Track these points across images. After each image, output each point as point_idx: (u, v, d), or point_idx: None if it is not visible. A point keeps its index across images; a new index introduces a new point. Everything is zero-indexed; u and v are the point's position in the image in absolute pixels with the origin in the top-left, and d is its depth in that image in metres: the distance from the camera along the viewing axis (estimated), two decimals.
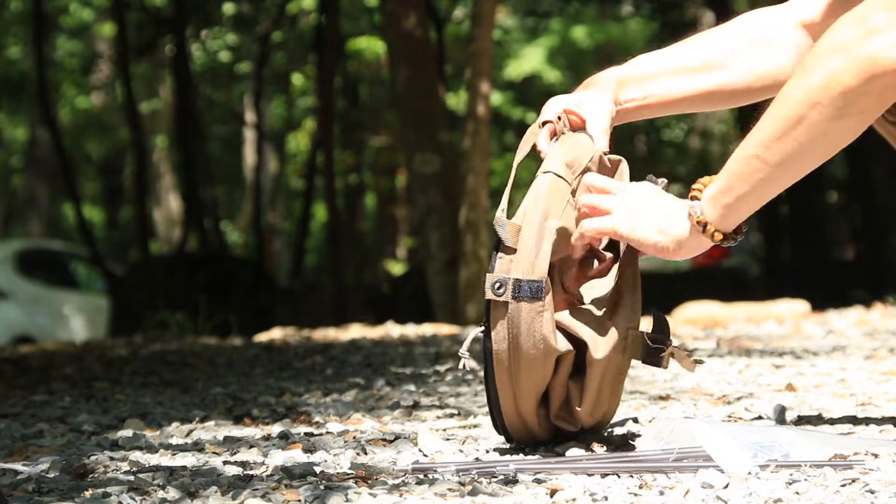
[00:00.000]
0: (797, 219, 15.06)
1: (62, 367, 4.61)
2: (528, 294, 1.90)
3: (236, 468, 1.97)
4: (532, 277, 1.90)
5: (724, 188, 1.89)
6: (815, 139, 1.84)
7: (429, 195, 8.61)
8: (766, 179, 1.88)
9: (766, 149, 1.85)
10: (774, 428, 1.94)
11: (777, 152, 1.85)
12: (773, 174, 1.88)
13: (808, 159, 1.88)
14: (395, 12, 8.81)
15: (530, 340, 1.91)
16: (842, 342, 4.48)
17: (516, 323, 1.91)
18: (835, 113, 1.82)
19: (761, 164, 1.87)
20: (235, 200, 26.08)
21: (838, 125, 1.83)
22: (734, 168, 1.88)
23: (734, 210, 1.91)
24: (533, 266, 1.91)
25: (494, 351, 1.93)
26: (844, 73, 1.79)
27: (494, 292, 1.91)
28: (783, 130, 1.84)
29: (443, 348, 4.70)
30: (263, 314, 13.48)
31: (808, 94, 1.82)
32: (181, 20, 16.44)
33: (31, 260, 14.05)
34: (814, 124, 1.83)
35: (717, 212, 1.91)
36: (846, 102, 1.81)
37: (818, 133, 1.83)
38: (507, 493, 1.71)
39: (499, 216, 1.94)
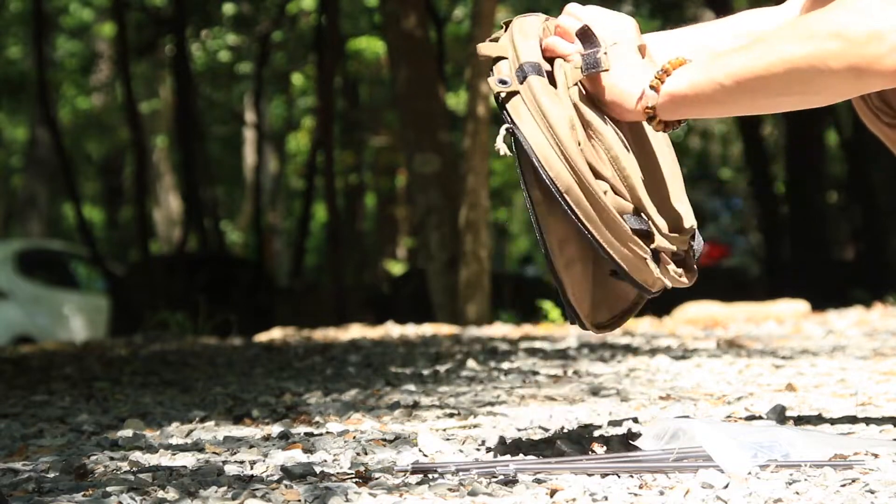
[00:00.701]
0: (797, 219, 15.06)
1: (62, 367, 4.61)
2: (533, 71, 1.90)
3: (236, 468, 1.97)
4: (529, 60, 1.91)
5: (683, 95, 1.91)
6: (780, 98, 1.90)
7: (429, 195, 8.61)
8: (723, 106, 1.93)
9: (736, 83, 1.89)
10: (774, 428, 1.94)
11: (743, 90, 1.89)
12: (730, 105, 1.93)
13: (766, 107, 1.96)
14: (395, 12, 8.81)
15: (559, 113, 1.88)
16: (842, 342, 4.48)
17: (535, 99, 1.89)
18: (809, 87, 1.88)
19: (725, 93, 1.90)
20: (235, 200, 26.09)
21: (808, 98, 1.92)
22: (700, 83, 1.90)
23: (683, 114, 1.94)
24: (526, 53, 1.92)
25: (530, 138, 1.87)
26: (835, 59, 1.83)
27: (501, 87, 1.90)
28: (756, 76, 1.88)
29: (443, 348, 4.70)
30: (263, 314, 13.48)
31: (792, 59, 1.85)
32: (181, 20, 16.45)
33: (31, 260, 14.05)
34: (786, 86, 1.87)
35: (668, 110, 1.92)
36: (824, 83, 1.86)
37: (786, 94, 1.89)
38: (507, 493, 1.71)
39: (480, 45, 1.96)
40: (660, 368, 3.57)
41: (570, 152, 1.87)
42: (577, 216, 1.88)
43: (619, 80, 1.93)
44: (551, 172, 1.87)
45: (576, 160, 1.87)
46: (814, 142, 15.26)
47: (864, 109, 2.12)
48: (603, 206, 1.88)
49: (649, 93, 1.91)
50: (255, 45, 19.14)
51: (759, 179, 15.88)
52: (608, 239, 1.89)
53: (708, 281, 15.07)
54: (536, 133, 1.88)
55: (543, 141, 1.87)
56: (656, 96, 1.91)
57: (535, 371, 3.59)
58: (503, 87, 1.90)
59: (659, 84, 1.91)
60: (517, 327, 6.39)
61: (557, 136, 1.87)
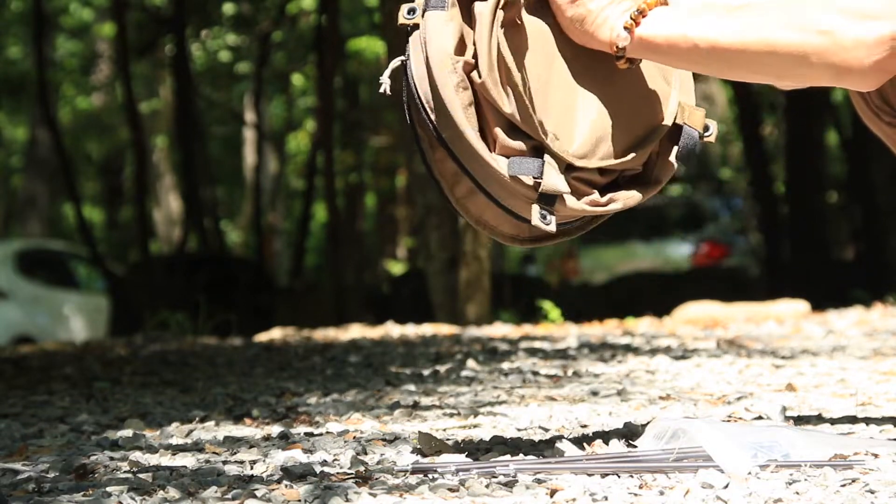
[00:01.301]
0: (797, 219, 15.06)
1: (62, 367, 4.61)
2: (434, 5, 1.86)
3: (236, 468, 1.97)
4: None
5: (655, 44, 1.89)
6: (752, 74, 1.91)
7: (429, 195, 8.60)
8: (692, 64, 1.93)
9: (712, 48, 1.88)
10: (774, 428, 1.94)
11: (718, 57, 1.89)
12: (700, 66, 1.93)
13: (734, 76, 1.96)
14: (395, 12, 8.80)
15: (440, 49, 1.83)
16: (842, 342, 4.48)
17: (425, 33, 1.85)
18: (784, 72, 1.90)
19: (698, 54, 1.89)
20: (235, 200, 26.08)
21: (779, 81, 1.95)
22: (675, 38, 1.88)
23: (650, 59, 1.93)
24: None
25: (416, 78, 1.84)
26: (818, 56, 1.85)
27: (406, 17, 1.87)
28: (735, 49, 1.87)
29: (443, 348, 4.70)
30: (263, 314, 13.47)
31: (776, 44, 1.86)
32: (181, 20, 16.45)
33: (31, 260, 14.05)
34: (762, 65, 1.88)
35: (637, 52, 1.91)
36: (800, 73, 1.88)
37: (759, 72, 1.90)
38: (507, 493, 1.71)
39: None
40: (660, 368, 3.57)
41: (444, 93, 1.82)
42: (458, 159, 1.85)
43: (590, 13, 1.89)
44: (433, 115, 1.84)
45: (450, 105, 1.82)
46: (814, 142, 15.25)
47: (865, 109, 2.12)
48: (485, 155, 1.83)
49: (622, 33, 1.89)
50: (255, 45, 19.14)
51: (759, 179, 15.87)
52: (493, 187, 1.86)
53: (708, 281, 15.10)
54: (421, 70, 1.85)
55: (425, 80, 1.84)
56: (628, 38, 1.89)
57: (535, 371, 3.59)
58: (406, 19, 1.87)
59: (633, 26, 1.88)
60: (517, 327, 6.39)
61: (434, 76, 1.83)
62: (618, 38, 1.89)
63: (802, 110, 14.97)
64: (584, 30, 1.91)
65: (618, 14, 1.90)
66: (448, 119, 1.83)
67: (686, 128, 1.99)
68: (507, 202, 1.88)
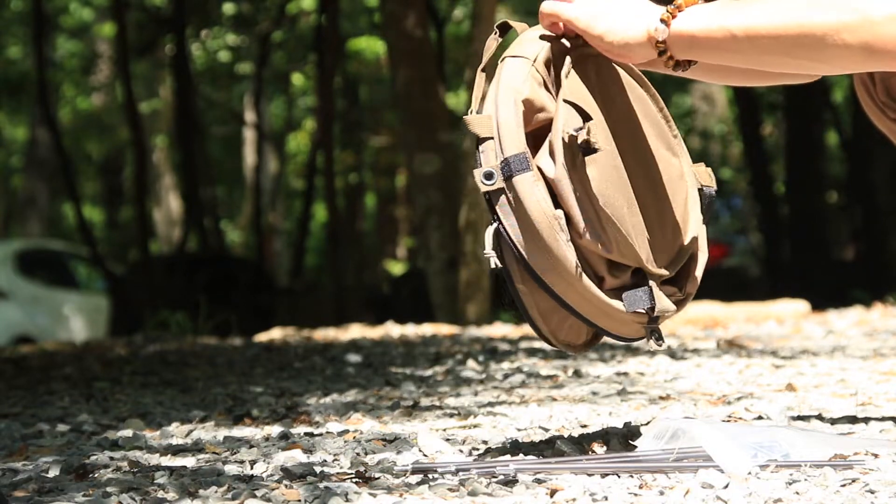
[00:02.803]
0: (797, 219, 15.06)
1: (62, 367, 4.61)
2: (517, 169, 1.87)
3: (236, 468, 1.97)
4: (514, 152, 1.88)
5: (692, 36, 1.90)
6: (787, 59, 1.88)
7: (429, 195, 8.61)
8: (730, 55, 1.91)
9: (747, 36, 1.87)
10: (774, 428, 1.94)
11: (753, 44, 1.88)
12: (737, 56, 1.91)
13: (771, 64, 1.93)
14: (395, 12, 8.81)
15: (539, 212, 1.86)
16: (842, 342, 4.47)
17: (518, 198, 1.87)
18: (818, 55, 1.86)
19: (734, 42, 1.88)
20: (235, 200, 26.09)
21: (814, 65, 1.89)
22: (711, 29, 1.89)
23: (691, 55, 1.93)
24: (511, 142, 1.88)
25: (517, 243, 1.87)
26: (850, 33, 1.81)
27: (486, 184, 1.88)
28: (769, 34, 1.86)
29: (443, 348, 4.70)
30: (263, 314, 13.47)
31: (809, 25, 1.84)
32: (181, 20, 16.44)
33: (31, 260, 14.05)
34: (795, 49, 1.86)
35: (677, 47, 1.91)
36: (834, 54, 1.84)
37: (794, 56, 1.87)
38: (507, 493, 1.71)
39: (467, 117, 1.92)
40: (660, 368, 3.57)
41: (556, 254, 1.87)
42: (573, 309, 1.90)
43: (618, 21, 1.91)
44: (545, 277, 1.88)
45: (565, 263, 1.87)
46: (814, 142, 15.25)
47: (870, 105, 2.11)
48: (598, 300, 1.89)
49: (660, 26, 1.90)
50: (255, 45, 19.14)
51: (759, 179, 15.87)
52: (605, 323, 1.92)
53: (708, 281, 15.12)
54: (518, 234, 1.87)
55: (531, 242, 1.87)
56: (667, 31, 1.90)
57: (535, 371, 3.59)
58: (489, 186, 1.88)
59: (670, 18, 1.90)
60: (517, 327, 6.39)
61: (542, 237, 1.86)
62: (656, 31, 1.90)
63: (802, 110, 14.97)
64: (618, 38, 1.91)
65: (653, 11, 1.91)
66: (563, 276, 1.88)
67: (705, 189, 2.05)
68: (618, 331, 1.94)
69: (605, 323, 1.92)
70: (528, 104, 1.91)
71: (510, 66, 1.94)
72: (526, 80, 1.92)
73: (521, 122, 1.89)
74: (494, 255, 1.89)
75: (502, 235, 1.88)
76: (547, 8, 1.97)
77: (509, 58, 1.95)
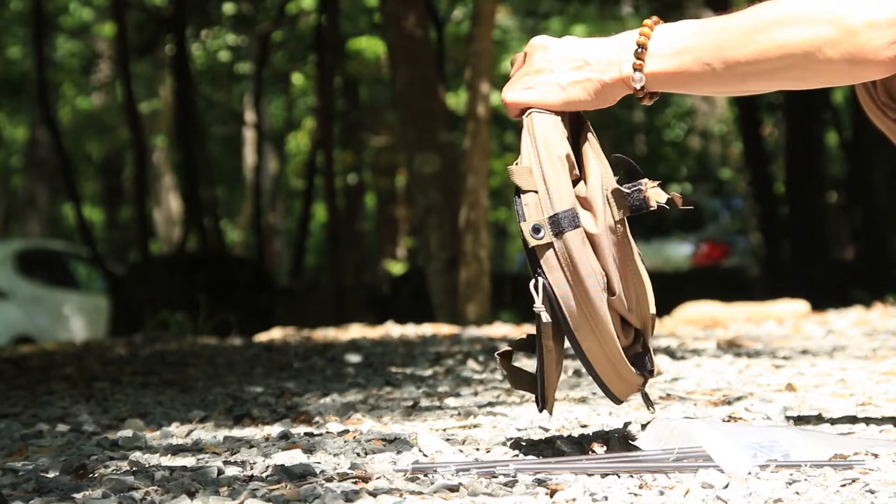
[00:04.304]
0: (797, 219, 15.06)
1: (62, 367, 4.61)
2: (569, 224, 1.87)
3: (236, 468, 1.97)
4: (564, 208, 1.87)
5: (668, 75, 1.88)
6: (771, 82, 1.88)
7: (429, 195, 8.61)
8: (711, 87, 1.91)
9: (726, 66, 1.85)
10: (774, 428, 1.94)
11: (733, 73, 1.86)
12: (719, 86, 1.90)
13: (756, 89, 1.92)
14: (395, 12, 8.81)
15: (589, 269, 1.87)
16: (842, 342, 4.47)
17: (569, 258, 1.87)
18: (802, 73, 1.84)
19: (714, 75, 1.86)
20: (235, 200, 26.10)
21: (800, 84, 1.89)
22: (687, 64, 1.87)
23: (669, 89, 1.92)
24: (561, 198, 1.87)
25: (560, 297, 1.87)
26: (831, 47, 1.80)
27: (535, 238, 1.87)
28: (748, 60, 1.84)
29: (443, 348, 4.70)
30: (263, 314, 13.48)
31: (787, 45, 1.82)
32: (181, 20, 16.45)
33: (31, 260, 14.05)
34: (778, 71, 1.84)
35: (654, 86, 1.90)
36: (818, 70, 1.83)
37: (778, 79, 1.86)
38: (506, 493, 1.71)
39: (510, 168, 1.91)
40: (660, 369, 3.57)
41: (600, 315, 1.88)
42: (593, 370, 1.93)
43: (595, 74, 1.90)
44: (578, 334, 1.90)
45: (604, 324, 1.89)
46: (814, 142, 15.25)
47: (871, 105, 2.10)
48: (619, 359, 1.92)
49: (635, 76, 1.88)
50: (255, 45, 19.14)
51: (759, 179, 15.88)
52: (612, 383, 1.95)
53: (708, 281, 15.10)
54: (567, 292, 1.88)
55: (572, 300, 1.88)
56: (643, 77, 1.88)
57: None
58: (537, 240, 1.87)
59: (642, 64, 1.87)
60: (517, 327, 6.39)
61: (588, 296, 1.87)
62: (630, 79, 1.88)
63: (802, 110, 14.98)
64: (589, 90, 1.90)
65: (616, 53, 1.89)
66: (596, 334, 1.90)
67: None
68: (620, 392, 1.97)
69: (613, 383, 1.95)
70: (569, 160, 1.90)
71: (542, 119, 1.92)
72: (563, 134, 1.92)
73: (569, 178, 1.88)
74: (544, 308, 1.89)
75: (546, 290, 1.88)
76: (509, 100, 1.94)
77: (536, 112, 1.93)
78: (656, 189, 1.89)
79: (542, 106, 1.92)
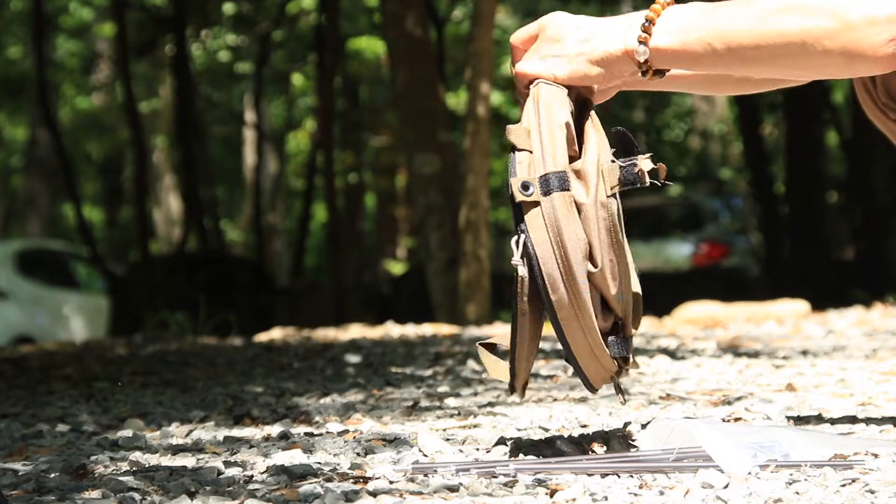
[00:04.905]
0: (797, 219, 15.06)
1: (62, 367, 4.61)
2: (558, 186, 1.86)
3: (236, 468, 1.97)
4: (556, 169, 1.86)
5: (672, 51, 1.88)
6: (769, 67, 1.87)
7: (429, 195, 8.61)
8: (712, 65, 1.90)
9: (727, 48, 1.85)
10: (774, 428, 1.94)
11: (734, 55, 1.86)
12: (719, 65, 1.90)
13: (755, 72, 1.91)
14: (395, 12, 8.81)
15: (573, 235, 1.85)
16: (842, 342, 4.48)
17: (554, 217, 1.85)
18: (799, 62, 1.84)
19: (715, 55, 1.87)
20: (235, 200, 26.10)
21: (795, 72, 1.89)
22: (690, 42, 1.87)
23: (672, 66, 1.92)
24: (554, 159, 1.87)
25: (540, 257, 1.85)
26: (829, 39, 1.79)
27: (523, 194, 1.86)
28: (749, 44, 1.84)
29: (443, 348, 4.70)
30: (263, 314, 13.48)
31: (788, 32, 1.82)
32: (181, 20, 16.46)
33: (31, 260, 14.05)
34: (777, 57, 1.84)
35: (658, 62, 1.90)
36: (814, 61, 1.82)
37: (776, 65, 1.86)
38: (507, 493, 1.71)
39: (509, 126, 1.91)
40: (660, 368, 3.57)
41: (578, 282, 1.86)
42: (566, 340, 1.89)
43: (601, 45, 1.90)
44: (553, 296, 1.86)
45: (580, 292, 1.86)
46: (814, 142, 15.25)
47: (871, 105, 2.09)
48: (594, 336, 1.88)
49: (639, 48, 1.88)
50: (255, 45, 19.15)
51: (759, 179, 15.88)
52: (587, 364, 1.91)
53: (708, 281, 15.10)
54: (548, 252, 1.86)
55: (553, 262, 1.86)
56: (647, 50, 1.88)
57: (534, 371, 3.59)
58: (525, 196, 1.86)
59: (647, 38, 1.88)
60: None
61: (569, 261, 1.85)
62: (635, 52, 1.88)
63: (802, 110, 14.97)
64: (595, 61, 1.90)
65: (623, 29, 1.90)
66: (572, 303, 1.86)
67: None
68: (593, 376, 1.93)
69: (586, 363, 1.91)
70: (569, 130, 1.90)
71: (548, 88, 1.93)
72: (566, 105, 1.92)
73: (565, 144, 1.88)
74: (522, 262, 1.86)
75: (526, 248, 1.86)
76: (519, 71, 1.96)
77: (543, 83, 1.93)
78: (646, 160, 1.89)
79: (549, 78, 1.93)
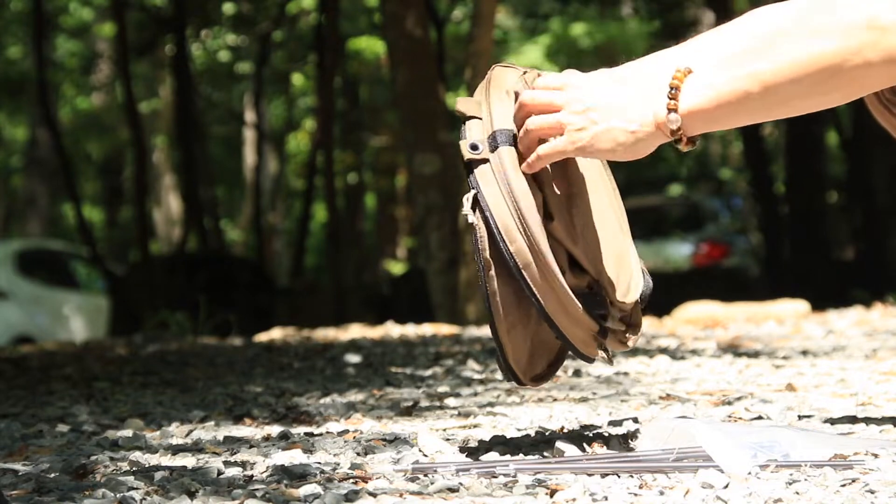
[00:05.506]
0: (797, 219, 15.07)
1: (62, 367, 4.61)
2: (505, 141, 1.88)
3: (236, 468, 1.97)
4: (503, 127, 1.89)
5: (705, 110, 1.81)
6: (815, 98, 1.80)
7: (429, 195, 8.61)
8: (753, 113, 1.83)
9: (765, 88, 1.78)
10: (774, 428, 1.94)
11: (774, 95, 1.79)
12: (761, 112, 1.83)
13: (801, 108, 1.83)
14: (395, 12, 8.81)
15: (524, 187, 1.87)
16: (842, 342, 4.48)
17: (503, 171, 1.87)
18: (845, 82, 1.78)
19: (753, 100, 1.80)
20: (235, 200, 26.10)
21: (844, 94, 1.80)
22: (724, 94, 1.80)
23: (709, 128, 1.85)
24: (501, 119, 1.90)
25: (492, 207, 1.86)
26: (872, 50, 1.74)
27: (472, 153, 1.88)
28: (787, 78, 1.78)
29: (443, 348, 4.70)
30: (263, 314, 13.48)
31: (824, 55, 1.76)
32: (181, 20, 16.46)
33: (31, 260, 14.05)
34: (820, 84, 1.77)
35: (692, 127, 1.83)
36: (860, 76, 1.77)
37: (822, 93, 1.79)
38: (506, 493, 1.71)
39: (459, 98, 1.94)
40: (660, 368, 3.57)
41: (533, 229, 1.86)
42: (533, 292, 1.88)
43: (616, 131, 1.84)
44: (511, 247, 1.87)
45: (537, 238, 1.86)
46: (814, 142, 15.26)
47: (875, 103, 2.07)
48: (559, 285, 1.88)
49: (671, 116, 1.81)
50: (255, 45, 19.15)
51: (759, 179, 15.88)
52: (566, 326, 1.92)
53: (708, 281, 15.10)
54: (500, 203, 1.87)
55: (506, 212, 1.86)
56: (678, 118, 1.81)
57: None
58: (474, 154, 1.88)
59: (676, 105, 1.81)
60: None
61: (521, 209, 1.86)
62: (668, 121, 1.81)
63: None
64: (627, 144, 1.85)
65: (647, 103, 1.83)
66: (533, 253, 1.86)
67: None
68: (572, 334, 1.93)
69: (561, 320, 1.91)
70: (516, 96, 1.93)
71: (501, 70, 1.97)
72: (517, 81, 1.96)
73: (511, 109, 1.91)
74: (472, 213, 1.88)
75: (479, 205, 1.88)
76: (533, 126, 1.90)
77: (496, 66, 1.98)
78: None
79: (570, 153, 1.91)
